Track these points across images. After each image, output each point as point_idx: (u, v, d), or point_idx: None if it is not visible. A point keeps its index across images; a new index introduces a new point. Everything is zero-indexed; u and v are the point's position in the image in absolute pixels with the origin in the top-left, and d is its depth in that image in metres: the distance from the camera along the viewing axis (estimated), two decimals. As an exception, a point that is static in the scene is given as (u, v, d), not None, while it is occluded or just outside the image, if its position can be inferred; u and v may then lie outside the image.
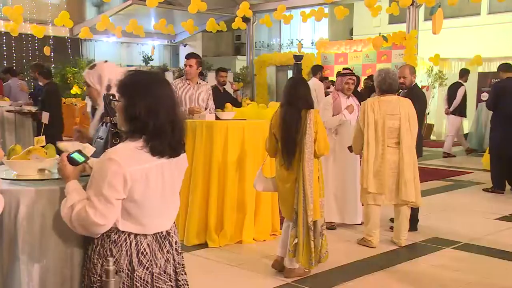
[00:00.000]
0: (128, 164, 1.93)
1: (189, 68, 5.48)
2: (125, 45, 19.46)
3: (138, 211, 2.01)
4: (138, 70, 2.22)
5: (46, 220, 2.12)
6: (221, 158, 4.79)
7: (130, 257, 1.99)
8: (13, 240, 2.08)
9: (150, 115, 1.96)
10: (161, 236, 2.09)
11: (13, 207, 2.10)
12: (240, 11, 14.32)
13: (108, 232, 1.99)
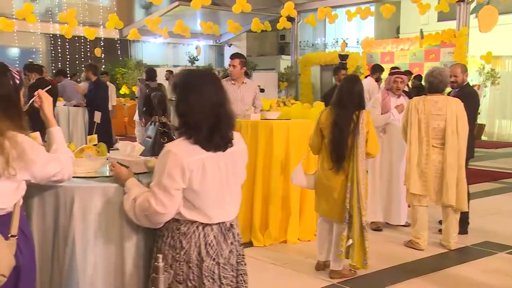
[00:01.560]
0: (185, 155, 2.04)
1: (233, 69, 5.50)
2: (172, 46, 19.83)
3: (199, 201, 2.09)
4: (190, 69, 2.31)
5: (99, 215, 2.20)
6: (265, 158, 4.81)
7: (199, 248, 2.08)
8: (68, 235, 2.17)
9: (195, 111, 2.06)
10: (225, 228, 2.17)
11: (68, 203, 2.20)
12: (284, 10, 14.31)
13: (177, 225, 2.09)
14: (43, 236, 2.23)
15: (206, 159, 2.07)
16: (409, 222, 5.21)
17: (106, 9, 17.04)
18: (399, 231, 5.34)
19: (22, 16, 12.24)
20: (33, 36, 16.10)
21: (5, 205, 1.92)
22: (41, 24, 15.28)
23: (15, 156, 1.88)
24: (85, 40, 15.84)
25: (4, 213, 1.93)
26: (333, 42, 20.09)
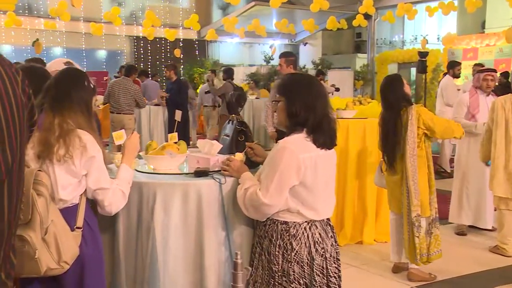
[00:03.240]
0: (300, 152, 2.12)
1: (280, 68, 5.71)
2: (248, 45, 20.08)
3: (311, 197, 2.17)
4: (293, 73, 2.50)
5: (179, 211, 2.28)
6: (341, 157, 4.75)
7: (309, 248, 2.16)
8: (150, 230, 2.27)
9: (309, 111, 2.15)
10: (325, 224, 2.26)
11: (150, 199, 2.30)
12: (362, 8, 14.02)
13: (286, 227, 2.17)
14: (128, 232, 2.34)
15: (318, 156, 2.16)
16: (495, 227, 4.94)
17: (185, 11, 17.59)
18: (484, 236, 5.08)
19: (109, 19, 12.93)
20: (119, 38, 16.96)
21: (67, 197, 2.04)
22: (126, 27, 16.06)
23: (78, 151, 2.01)
24: (165, 41, 16.45)
25: (70, 205, 2.06)
26: (412, 39, 19.41)
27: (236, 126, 3.04)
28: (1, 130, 0.88)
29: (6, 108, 0.89)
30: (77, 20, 14.57)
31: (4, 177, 0.90)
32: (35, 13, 15.01)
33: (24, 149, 0.97)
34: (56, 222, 1.92)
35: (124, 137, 2.60)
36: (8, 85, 0.91)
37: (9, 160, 0.90)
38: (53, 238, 1.89)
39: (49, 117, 2.06)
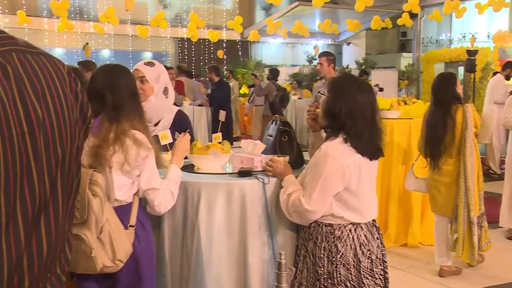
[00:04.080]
0: (344, 157, 2.11)
1: (320, 66, 5.65)
2: (290, 46, 20.04)
3: (356, 200, 2.16)
4: (349, 74, 2.44)
5: (223, 210, 2.31)
6: (385, 158, 4.67)
7: (355, 250, 2.15)
8: (195, 228, 2.31)
9: (349, 116, 2.11)
10: (371, 225, 2.24)
11: (195, 198, 2.34)
12: (407, 6, 13.73)
13: (331, 229, 2.17)
14: (173, 231, 2.38)
15: (361, 160, 2.14)
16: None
17: (229, 12, 17.75)
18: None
19: (155, 22, 13.21)
20: (164, 40, 17.30)
21: (122, 197, 2.08)
22: (171, 29, 16.36)
23: (133, 153, 2.02)
24: (209, 43, 16.65)
25: (124, 204, 2.10)
26: (460, 38, 18.85)
27: (279, 126, 3.04)
28: (52, 129, 0.92)
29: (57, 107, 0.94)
30: (124, 23, 14.96)
31: (55, 172, 0.95)
32: (85, 17, 15.53)
33: (75, 146, 1.00)
34: (110, 220, 1.97)
35: (170, 137, 2.65)
36: (58, 85, 0.95)
37: (59, 154, 0.94)
38: (107, 236, 1.94)
39: (106, 125, 2.04)
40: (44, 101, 0.91)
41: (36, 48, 0.96)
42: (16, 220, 0.88)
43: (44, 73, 0.93)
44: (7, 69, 0.86)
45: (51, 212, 0.94)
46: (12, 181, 0.86)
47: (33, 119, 0.89)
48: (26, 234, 0.89)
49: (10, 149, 0.85)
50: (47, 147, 0.91)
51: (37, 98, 0.90)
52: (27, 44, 0.95)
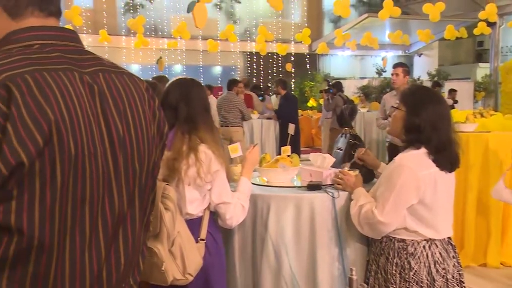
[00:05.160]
0: (419, 169, 2.06)
1: (396, 77, 5.50)
2: (359, 58, 19.79)
3: (430, 215, 2.10)
4: (423, 85, 2.38)
5: (292, 224, 2.31)
6: (461, 172, 4.48)
7: (429, 268, 2.08)
8: (264, 241, 2.32)
9: (433, 130, 2.07)
10: (446, 243, 2.16)
11: (264, 211, 2.35)
12: (483, 14, 13.15)
13: (403, 245, 2.11)
14: (243, 244, 2.41)
15: (437, 173, 2.08)
16: None
17: (297, 25, 17.84)
18: None
19: (225, 36, 13.53)
20: (233, 54, 17.67)
21: (194, 211, 2.10)
22: (240, 43, 16.69)
23: (205, 167, 2.05)
24: (277, 56, 16.79)
25: (195, 218, 2.12)
26: (543, 46, 17.77)
27: (349, 139, 3.01)
28: (131, 146, 0.97)
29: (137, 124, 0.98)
30: (196, 38, 15.44)
31: (133, 187, 0.99)
32: (159, 34, 16.20)
33: (152, 162, 1.04)
34: (182, 233, 1.99)
35: (239, 151, 2.69)
36: (138, 103, 1.00)
37: (137, 170, 0.99)
38: (179, 250, 1.96)
39: (179, 137, 2.09)
40: (125, 119, 0.96)
41: (120, 68, 1.02)
42: (97, 233, 0.92)
43: (126, 92, 0.98)
44: (94, 89, 0.92)
45: (128, 226, 0.99)
46: (95, 195, 0.91)
47: (115, 136, 0.94)
48: (106, 246, 0.94)
49: (95, 166, 0.90)
50: (126, 163, 0.96)
51: (119, 116, 0.95)
52: (111, 64, 1.01)
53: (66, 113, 0.85)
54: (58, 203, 0.85)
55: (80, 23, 11.01)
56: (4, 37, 0.90)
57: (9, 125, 0.78)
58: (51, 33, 0.93)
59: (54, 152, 0.83)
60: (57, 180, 0.84)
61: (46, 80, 0.84)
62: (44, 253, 0.84)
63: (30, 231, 0.82)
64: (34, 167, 0.81)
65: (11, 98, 0.79)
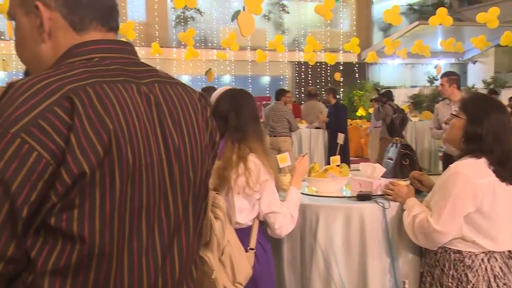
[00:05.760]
0: (476, 177, 1.99)
1: (441, 88, 5.38)
2: (409, 66, 19.39)
3: (488, 225, 2.02)
4: (483, 94, 2.31)
5: (341, 234, 2.29)
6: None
7: (488, 282, 2.01)
8: (313, 251, 2.30)
9: (495, 140, 2.00)
10: (506, 257, 2.08)
11: (313, 221, 2.33)
12: (543, 19, 12.59)
13: (460, 257, 2.04)
14: (292, 253, 2.40)
15: (496, 183, 2.00)
16: None
17: (346, 35, 17.73)
18: None
19: (273, 47, 13.62)
20: (281, 64, 17.74)
21: (243, 220, 2.11)
22: (288, 53, 16.75)
23: (254, 177, 2.05)
24: (325, 65, 16.73)
25: (244, 227, 2.12)
26: None
27: (400, 149, 2.96)
28: (186, 155, 0.99)
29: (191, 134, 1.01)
30: (244, 49, 15.63)
31: (187, 196, 1.01)
32: (209, 45, 16.51)
33: (205, 171, 1.06)
34: (232, 243, 2.00)
35: (288, 160, 2.69)
36: (192, 113, 1.03)
37: (191, 179, 1.01)
38: (228, 259, 1.97)
39: (229, 146, 2.11)
40: (180, 128, 0.98)
41: (174, 79, 1.05)
42: (154, 241, 0.94)
43: (180, 102, 1.00)
44: (151, 99, 0.95)
45: (183, 234, 1.00)
46: (152, 204, 0.93)
47: (170, 146, 0.96)
48: (162, 254, 0.95)
49: (151, 175, 0.92)
50: (181, 172, 0.98)
51: (174, 125, 0.97)
52: (166, 75, 1.04)
53: (124, 123, 0.88)
54: (117, 211, 0.87)
55: (134, 37, 11.38)
56: (67, 51, 0.94)
57: (72, 135, 0.82)
58: (110, 46, 0.97)
59: (113, 162, 0.86)
60: (116, 189, 0.86)
61: (105, 91, 0.87)
62: (104, 260, 0.87)
63: (91, 238, 0.85)
64: (95, 177, 0.84)
65: (73, 109, 0.82)
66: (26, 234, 0.83)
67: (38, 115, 0.81)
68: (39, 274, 0.84)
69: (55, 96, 0.82)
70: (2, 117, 0.81)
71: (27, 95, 0.82)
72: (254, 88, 16.61)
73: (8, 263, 0.82)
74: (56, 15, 0.95)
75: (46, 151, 0.80)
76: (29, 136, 0.80)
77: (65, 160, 0.81)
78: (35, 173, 0.80)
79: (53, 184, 0.81)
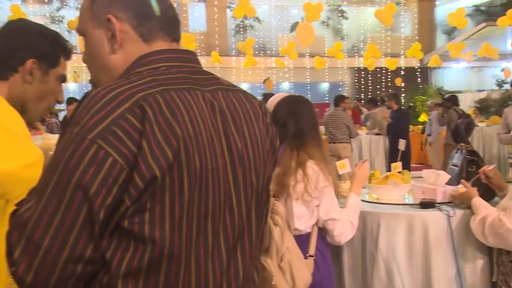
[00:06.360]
0: None
1: None
2: (476, 70, 18.63)
3: None
4: None
5: (404, 243, 2.23)
6: None
7: None
8: (374, 259, 2.27)
9: None
10: None
11: (374, 229, 2.30)
12: None
13: None
14: (352, 261, 2.38)
15: None
16: None
17: (407, 39, 17.30)
18: None
19: (332, 54, 13.53)
20: (340, 71, 17.57)
21: (302, 227, 2.11)
22: (347, 59, 16.57)
23: (312, 183, 2.05)
24: (386, 71, 16.39)
25: (303, 234, 2.12)
26: None
27: (465, 155, 2.85)
28: (249, 161, 1.01)
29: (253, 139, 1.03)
30: (303, 56, 15.62)
31: (250, 200, 1.03)
32: (268, 53, 16.65)
33: (266, 176, 1.07)
34: (291, 249, 2.00)
35: (348, 167, 2.66)
36: (254, 119, 1.05)
37: (254, 184, 1.03)
38: (287, 265, 1.97)
39: (288, 153, 2.13)
40: (243, 134, 1.01)
41: (235, 86, 1.08)
42: (219, 245, 0.96)
43: (242, 109, 1.03)
44: (215, 106, 0.98)
45: (246, 239, 1.02)
46: (217, 209, 0.95)
47: (234, 151, 0.98)
48: (227, 259, 0.97)
49: (217, 180, 0.95)
50: (244, 177, 1.00)
51: (237, 131, 1.00)
52: (228, 83, 1.07)
53: (191, 129, 0.91)
54: (185, 215, 0.90)
55: (194, 47, 11.68)
56: (135, 61, 0.99)
57: (144, 141, 0.85)
58: (175, 55, 1.01)
59: (182, 167, 0.89)
60: (184, 194, 0.89)
61: (173, 99, 0.91)
62: (174, 263, 0.90)
63: (162, 241, 0.88)
64: (165, 181, 0.87)
65: (145, 116, 0.86)
66: (102, 237, 0.87)
67: (112, 122, 0.85)
68: (113, 275, 0.88)
69: (127, 104, 0.87)
70: (79, 125, 0.86)
71: (101, 104, 0.87)
72: (313, 95, 16.52)
73: (87, 264, 0.86)
74: (126, 27, 1.00)
75: (120, 157, 0.84)
76: (105, 142, 0.84)
77: (137, 165, 0.85)
78: (111, 178, 0.84)
79: (127, 188, 0.85)
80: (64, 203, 0.84)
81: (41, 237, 0.83)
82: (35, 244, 0.83)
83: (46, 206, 0.84)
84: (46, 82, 1.40)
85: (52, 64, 1.41)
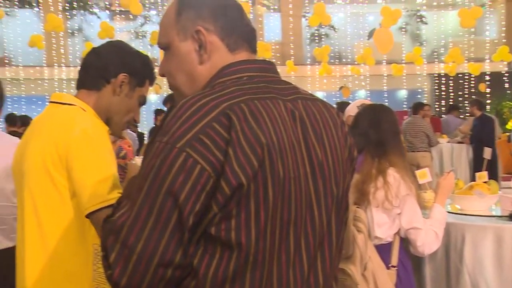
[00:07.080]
0: None
1: None
2: None
3: None
4: None
5: (492, 257, 2.12)
6: None
7: None
8: (459, 273, 2.17)
9: None
10: None
11: (459, 241, 2.21)
12: None
13: None
14: (435, 274, 2.30)
15: None
16: None
17: (492, 42, 16.40)
18: None
19: (410, 59, 13.14)
20: (419, 77, 16.98)
21: (382, 235, 2.07)
22: (426, 65, 16.00)
23: (393, 191, 2.02)
24: (468, 76, 15.64)
25: (384, 243, 2.08)
26: None
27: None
28: (329, 169, 1.01)
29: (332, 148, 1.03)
30: (379, 63, 15.29)
31: (331, 209, 1.02)
32: (343, 61, 16.47)
33: (345, 185, 1.07)
34: (373, 258, 1.98)
35: (428, 176, 2.58)
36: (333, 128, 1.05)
37: (334, 192, 1.03)
38: (371, 274, 1.94)
39: (369, 161, 2.12)
40: (322, 143, 1.01)
41: (314, 96, 1.09)
42: (300, 253, 0.97)
43: (321, 118, 1.04)
44: (295, 115, 0.99)
45: (326, 248, 1.02)
46: (299, 217, 0.96)
47: (314, 160, 0.99)
48: (308, 267, 0.98)
49: (299, 188, 0.96)
50: (324, 186, 1.00)
51: (317, 140, 1.01)
52: (306, 92, 1.08)
53: (275, 137, 0.93)
54: (270, 222, 0.91)
55: (270, 56, 11.81)
56: (218, 71, 1.02)
57: (230, 149, 0.88)
58: (256, 65, 1.04)
59: (266, 174, 0.90)
60: (269, 201, 0.91)
61: (257, 107, 0.94)
62: (257, 270, 0.91)
63: (248, 247, 0.90)
64: (250, 189, 0.89)
65: (231, 125, 0.89)
66: (190, 243, 0.90)
67: (200, 131, 0.88)
68: (201, 281, 0.91)
69: (213, 113, 0.90)
70: (168, 134, 0.90)
71: (189, 113, 0.90)
72: (391, 102, 16.08)
73: (176, 269, 0.89)
74: (214, 38, 1.04)
75: (208, 164, 0.87)
76: (193, 151, 0.88)
77: (224, 173, 0.87)
78: (199, 185, 0.87)
79: (214, 195, 0.88)
80: (155, 210, 0.87)
81: (135, 242, 0.87)
82: (129, 248, 0.87)
83: (139, 212, 0.88)
84: (131, 97, 1.50)
85: (139, 83, 1.51)
